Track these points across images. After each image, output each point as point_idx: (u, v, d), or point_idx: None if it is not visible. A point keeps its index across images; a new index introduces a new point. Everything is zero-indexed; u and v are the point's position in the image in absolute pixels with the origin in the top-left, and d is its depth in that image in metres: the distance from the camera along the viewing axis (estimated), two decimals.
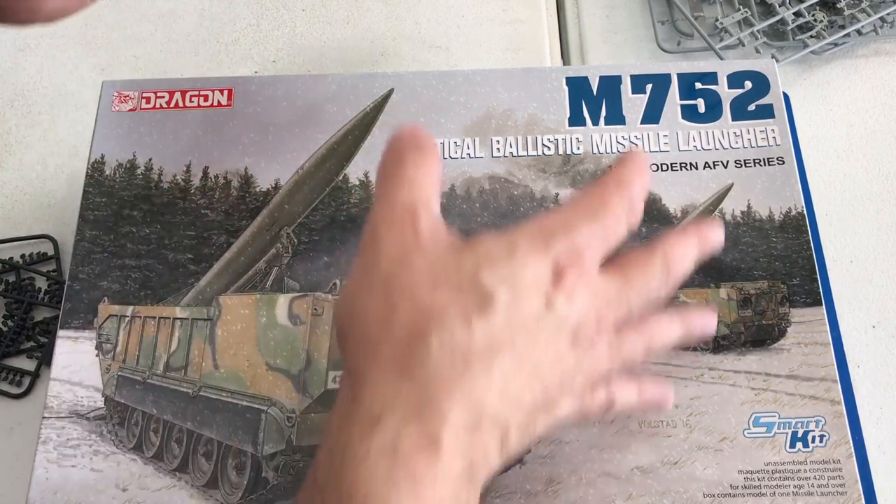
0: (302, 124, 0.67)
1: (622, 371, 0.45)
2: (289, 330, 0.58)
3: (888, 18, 0.81)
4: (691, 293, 0.66)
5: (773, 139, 0.67)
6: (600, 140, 0.67)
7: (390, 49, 0.84)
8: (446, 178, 0.66)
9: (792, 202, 0.64)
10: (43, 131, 0.79)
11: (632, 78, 0.70)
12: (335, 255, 0.63)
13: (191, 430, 0.60)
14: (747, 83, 0.69)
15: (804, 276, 0.62)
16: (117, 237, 0.64)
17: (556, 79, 0.70)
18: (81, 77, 0.83)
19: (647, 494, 0.54)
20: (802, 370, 0.58)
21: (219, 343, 0.60)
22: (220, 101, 0.69)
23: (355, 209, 0.65)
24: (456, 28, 0.86)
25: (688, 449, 0.56)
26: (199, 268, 0.63)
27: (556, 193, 0.66)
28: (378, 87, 0.68)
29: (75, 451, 0.57)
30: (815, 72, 0.81)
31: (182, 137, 0.67)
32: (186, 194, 0.66)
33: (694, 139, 0.67)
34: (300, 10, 0.87)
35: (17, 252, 0.72)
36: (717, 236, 0.47)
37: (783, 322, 0.61)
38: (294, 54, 0.84)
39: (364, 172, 0.66)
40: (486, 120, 0.68)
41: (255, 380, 0.58)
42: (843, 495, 0.54)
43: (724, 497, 0.54)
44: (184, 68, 0.83)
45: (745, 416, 0.57)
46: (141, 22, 0.87)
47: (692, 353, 0.60)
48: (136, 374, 0.65)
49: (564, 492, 0.54)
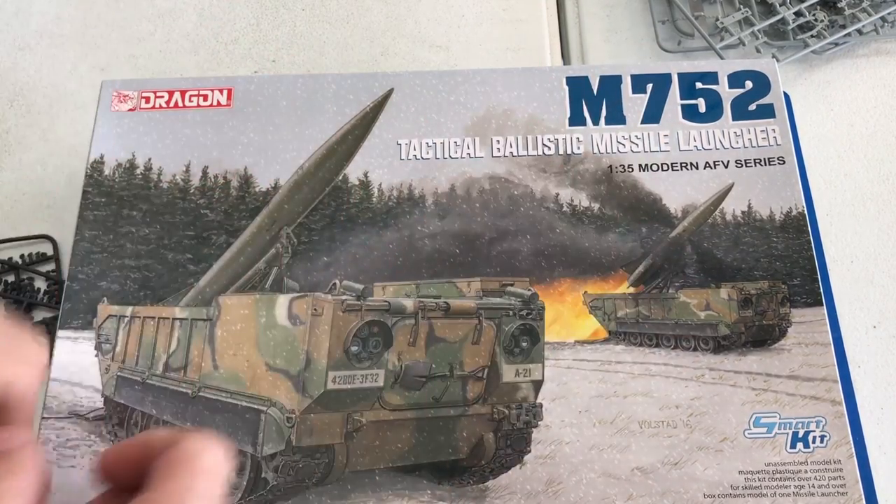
0: (302, 124, 0.67)
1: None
2: (288, 330, 0.57)
3: (889, 18, 0.81)
4: (691, 293, 0.66)
5: (774, 139, 0.67)
6: (600, 140, 0.67)
7: (390, 49, 0.84)
8: (447, 178, 0.66)
9: (792, 202, 0.64)
10: (42, 131, 0.79)
11: (632, 78, 0.69)
12: (335, 255, 0.63)
13: None
14: (748, 83, 0.69)
15: (805, 276, 0.62)
16: (117, 237, 0.64)
17: (557, 79, 0.69)
18: (81, 77, 0.83)
19: (647, 494, 0.54)
20: (803, 370, 0.58)
21: (218, 343, 0.60)
22: (220, 101, 0.69)
23: (355, 209, 0.65)
24: (456, 28, 0.86)
25: (688, 449, 0.56)
26: (199, 268, 0.63)
27: (557, 193, 0.66)
28: (378, 87, 0.68)
29: (75, 451, 0.57)
30: (815, 71, 0.81)
31: (182, 137, 0.67)
32: (186, 194, 0.66)
33: (694, 139, 0.67)
34: (300, 10, 0.87)
35: (17, 252, 0.72)
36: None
37: (784, 322, 0.61)
38: (294, 54, 0.84)
39: (364, 172, 0.66)
40: (486, 120, 0.68)
41: (255, 380, 0.58)
42: (843, 496, 0.54)
43: (725, 497, 0.54)
44: (184, 68, 0.83)
45: (746, 416, 0.56)
46: (141, 22, 0.87)
47: (692, 354, 0.60)
48: (136, 374, 0.65)
49: (564, 492, 0.54)
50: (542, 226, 0.64)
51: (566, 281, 0.63)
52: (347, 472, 0.57)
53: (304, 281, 0.62)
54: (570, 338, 0.62)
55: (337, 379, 0.56)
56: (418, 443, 0.59)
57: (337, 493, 0.55)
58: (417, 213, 0.64)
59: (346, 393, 0.56)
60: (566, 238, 0.64)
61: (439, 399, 0.59)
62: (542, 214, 0.65)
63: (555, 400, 0.59)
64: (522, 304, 0.62)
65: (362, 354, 0.56)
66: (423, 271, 0.62)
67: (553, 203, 0.65)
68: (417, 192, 0.65)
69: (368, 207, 0.65)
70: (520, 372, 0.61)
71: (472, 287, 0.62)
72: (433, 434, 0.59)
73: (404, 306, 0.58)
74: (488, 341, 0.61)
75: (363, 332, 0.56)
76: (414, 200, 0.65)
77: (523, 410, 0.60)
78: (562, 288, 0.63)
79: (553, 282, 0.63)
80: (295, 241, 0.63)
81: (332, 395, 0.56)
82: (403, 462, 0.58)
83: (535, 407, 0.59)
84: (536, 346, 0.62)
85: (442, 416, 0.59)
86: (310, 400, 0.56)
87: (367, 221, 0.64)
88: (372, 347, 0.57)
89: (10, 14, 0.87)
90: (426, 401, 0.59)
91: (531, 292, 0.62)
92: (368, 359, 0.57)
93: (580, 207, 0.65)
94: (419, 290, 0.62)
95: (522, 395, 0.61)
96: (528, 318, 0.62)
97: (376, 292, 0.61)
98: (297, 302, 0.58)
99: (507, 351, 0.61)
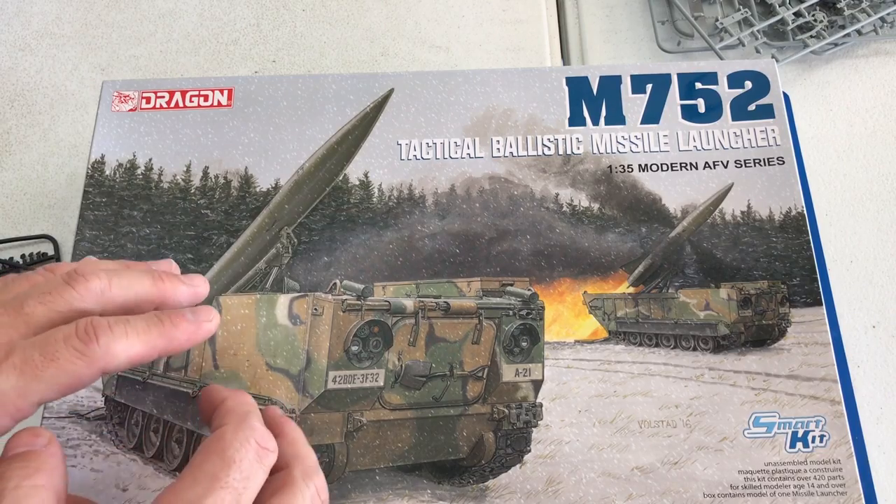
0: (302, 124, 0.67)
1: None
2: (289, 330, 0.58)
3: (888, 18, 0.81)
4: (691, 293, 0.66)
5: (773, 139, 0.67)
6: (600, 140, 0.67)
7: (390, 49, 0.84)
8: (447, 178, 0.66)
9: (792, 202, 0.64)
10: (43, 131, 0.79)
11: (632, 78, 0.70)
12: (335, 255, 0.63)
13: (191, 430, 0.60)
14: (747, 83, 0.69)
15: (804, 276, 0.62)
16: (117, 237, 0.64)
17: (556, 79, 0.70)
18: (81, 77, 0.83)
19: (647, 494, 0.54)
20: (802, 370, 0.58)
21: (219, 343, 0.60)
22: (220, 101, 0.69)
23: (355, 209, 0.65)
24: (456, 28, 0.86)
25: (688, 449, 0.56)
26: (199, 268, 0.63)
27: (556, 193, 0.66)
28: (378, 87, 0.68)
29: (75, 451, 0.57)
30: (815, 72, 0.81)
31: (182, 137, 0.67)
32: (186, 194, 0.66)
33: (694, 139, 0.67)
34: (300, 10, 0.87)
35: (17, 252, 0.72)
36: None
37: (783, 322, 0.61)
38: (294, 54, 0.84)
39: (364, 172, 0.66)
40: (486, 120, 0.68)
41: (255, 380, 0.58)
42: (843, 495, 0.54)
43: (725, 497, 0.54)
44: (184, 68, 0.83)
45: (746, 416, 0.57)
46: (141, 22, 0.87)
47: (692, 353, 0.60)
48: (136, 374, 0.65)
49: (564, 491, 0.54)
50: (541, 226, 0.64)
51: (566, 281, 0.63)
52: (348, 471, 0.57)
53: (305, 281, 0.62)
54: (569, 337, 0.62)
55: (337, 378, 0.56)
56: (418, 442, 0.59)
57: (337, 492, 0.55)
58: (417, 213, 0.65)
59: (346, 392, 0.56)
60: (566, 238, 0.64)
61: (439, 399, 0.59)
62: (541, 214, 0.65)
63: (555, 400, 0.59)
64: (522, 303, 0.62)
65: (362, 354, 0.57)
66: (423, 271, 0.62)
67: (553, 203, 0.65)
68: (417, 192, 0.65)
69: (369, 207, 0.65)
70: (520, 371, 0.61)
71: (472, 287, 0.62)
72: (433, 433, 0.59)
73: (404, 306, 0.58)
74: (488, 341, 0.61)
75: (363, 332, 0.57)
76: (414, 200, 0.65)
77: (523, 410, 0.60)
78: (562, 288, 0.63)
79: (553, 282, 0.63)
80: (295, 241, 0.64)
81: (332, 394, 0.56)
82: (403, 461, 0.58)
83: (535, 406, 0.59)
84: (536, 346, 0.62)
85: (442, 416, 0.59)
86: (310, 399, 0.56)
87: (368, 221, 0.64)
88: (372, 347, 0.57)
89: (10, 14, 0.87)
90: (426, 400, 0.59)
91: (531, 292, 0.62)
92: (369, 358, 0.57)
93: (580, 207, 0.65)
94: (419, 290, 0.62)
95: (522, 395, 0.61)
96: (527, 318, 0.62)
97: (376, 292, 0.61)
98: (298, 302, 0.58)
99: (506, 351, 0.62)
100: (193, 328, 0.44)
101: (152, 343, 0.43)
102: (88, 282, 0.43)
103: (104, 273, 0.44)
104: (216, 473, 0.39)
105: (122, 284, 0.44)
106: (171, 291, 0.46)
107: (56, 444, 0.40)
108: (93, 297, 0.43)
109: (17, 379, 0.39)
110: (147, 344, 0.42)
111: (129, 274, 0.45)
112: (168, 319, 0.44)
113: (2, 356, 0.39)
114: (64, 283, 0.43)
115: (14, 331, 0.40)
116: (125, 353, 0.41)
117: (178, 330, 0.44)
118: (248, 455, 0.41)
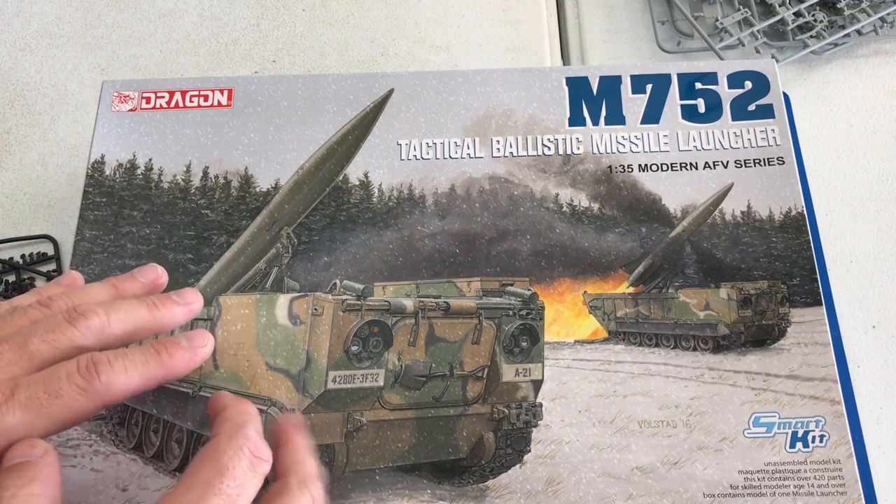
0: (302, 124, 0.67)
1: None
2: (289, 330, 0.58)
3: (888, 18, 0.81)
4: (691, 293, 0.66)
5: (773, 139, 0.67)
6: (600, 140, 0.67)
7: (390, 49, 0.84)
8: (447, 178, 0.66)
9: (792, 202, 0.64)
10: (43, 131, 0.79)
11: (632, 78, 0.70)
12: (335, 255, 0.63)
13: (191, 430, 0.60)
14: (747, 83, 0.69)
15: (804, 276, 0.62)
16: (117, 237, 0.64)
17: (556, 79, 0.70)
18: (81, 77, 0.83)
19: (647, 494, 0.54)
20: (802, 370, 0.58)
21: (219, 343, 0.60)
22: (220, 101, 0.69)
23: (355, 209, 0.65)
24: (456, 28, 0.86)
25: (688, 449, 0.56)
26: (199, 268, 0.63)
27: (556, 193, 0.66)
28: (378, 87, 0.68)
29: (75, 451, 0.57)
30: (815, 72, 0.81)
31: (182, 137, 0.67)
32: (186, 194, 0.66)
33: (694, 139, 0.67)
34: (300, 10, 0.87)
35: (17, 252, 0.72)
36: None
37: (783, 322, 0.61)
38: (294, 55, 0.84)
39: (364, 172, 0.66)
40: (486, 120, 0.68)
41: (255, 380, 0.58)
42: (843, 495, 0.54)
43: (724, 497, 0.54)
44: (184, 68, 0.83)
45: (745, 416, 0.57)
46: (141, 22, 0.87)
47: (692, 353, 0.60)
48: None
49: (564, 491, 0.54)
50: (541, 226, 0.64)
51: (566, 281, 0.63)
52: (348, 471, 0.57)
53: (305, 281, 0.62)
54: (569, 337, 0.62)
55: (337, 378, 0.56)
56: (418, 442, 0.59)
57: (337, 492, 0.55)
58: (417, 213, 0.65)
59: (346, 392, 0.56)
60: (566, 238, 0.64)
61: (439, 398, 0.59)
62: (541, 214, 0.65)
63: (555, 400, 0.59)
64: (522, 303, 0.62)
65: (362, 354, 0.57)
66: (423, 271, 0.62)
67: (553, 203, 0.65)
68: (417, 192, 0.65)
69: (368, 207, 0.65)
70: (519, 371, 0.61)
71: (472, 287, 0.62)
72: (433, 433, 0.59)
73: (404, 306, 0.58)
74: (488, 341, 0.61)
75: (363, 332, 0.57)
76: (414, 200, 0.65)
77: (523, 410, 0.60)
78: (561, 288, 0.63)
79: (553, 282, 0.63)
80: (295, 241, 0.64)
81: (332, 394, 0.56)
82: (403, 461, 0.58)
83: (535, 406, 0.59)
84: (536, 346, 0.62)
85: (442, 416, 0.59)
86: (310, 399, 0.56)
87: (368, 221, 0.64)
88: (372, 347, 0.57)
89: (10, 15, 0.87)
90: (426, 400, 0.59)
91: (531, 292, 0.62)
92: (368, 358, 0.57)
93: (580, 207, 0.65)
94: (419, 290, 0.62)
95: (522, 395, 0.61)
96: (527, 318, 0.62)
97: (376, 292, 0.61)
98: (298, 302, 0.58)
99: (506, 351, 0.62)
100: (189, 356, 0.47)
101: (150, 374, 0.45)
102: (88, 319, 0.45)
103: (102, 309, 0.46)
104: (210, 480, 0.41)
105: (120, 318, 0.46)
106: (167, 317, 0.49)
107: (52, 455, 0.42)
108: (93, 334, 0.45)
109: (24, 415, 0.41)
110: (145, 376, 0.45)
111: (125, 306, 0.47)
112: (164, 350, 0.46)
113: (7, 392, 0.41)
114: (65, 321, 0.45)
115: (18, 368, 0.43)
116: (125, 387, 0.44)
117: (174, 359, 0.46)
118: (241, 463, 0.42)
